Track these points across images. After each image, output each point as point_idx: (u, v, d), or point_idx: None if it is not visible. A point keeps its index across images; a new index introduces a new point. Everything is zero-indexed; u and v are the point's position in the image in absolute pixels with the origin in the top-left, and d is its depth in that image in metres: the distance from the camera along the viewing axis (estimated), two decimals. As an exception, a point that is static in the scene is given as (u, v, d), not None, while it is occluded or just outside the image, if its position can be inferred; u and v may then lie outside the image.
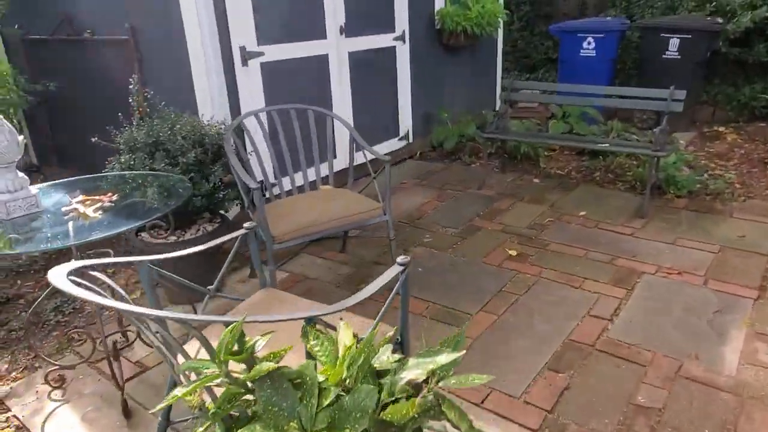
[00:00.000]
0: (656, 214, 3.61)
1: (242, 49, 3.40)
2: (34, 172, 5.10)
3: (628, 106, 4.10)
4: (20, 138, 1.94)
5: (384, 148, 4.74)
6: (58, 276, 1.21)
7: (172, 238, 2.72)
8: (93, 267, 1.41)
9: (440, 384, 1.09)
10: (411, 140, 5.04)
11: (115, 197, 2.10)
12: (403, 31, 4.65)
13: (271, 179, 3.15)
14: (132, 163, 2.48)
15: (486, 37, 5.18)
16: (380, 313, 1.51)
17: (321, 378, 0.98)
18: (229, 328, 1.02)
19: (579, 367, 2.22)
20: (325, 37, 3.96)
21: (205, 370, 0.99)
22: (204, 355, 1.09)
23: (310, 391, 0.96)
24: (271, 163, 3.01)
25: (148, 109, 2.78)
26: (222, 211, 2.97)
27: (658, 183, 3.87)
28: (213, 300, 2.81)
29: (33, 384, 2.32)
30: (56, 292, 2.77)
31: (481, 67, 5.78)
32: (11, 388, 2.32)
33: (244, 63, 3.44)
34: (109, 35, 3.67)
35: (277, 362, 1.04)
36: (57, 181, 2.40)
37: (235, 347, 1.04)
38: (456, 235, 3.46)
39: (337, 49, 4.07)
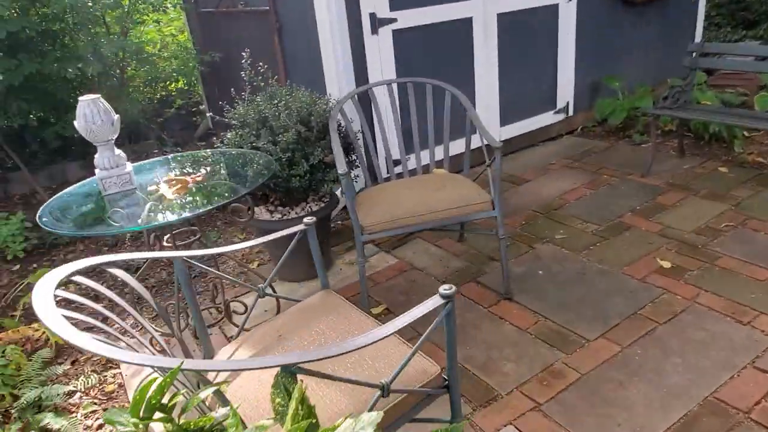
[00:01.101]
0: None
1: (372, 16, 3.18)
2: (212, 135, 5.62)
3: None
4: (116, 117, 2.00)
5: (536, 122, 4.21)
6: (44, 292, 1.15)
7: (277, 216, 2.70)
8: (111, 264, 1.36)
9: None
10: (571, 113, 4.40)
11: (200, 177, 2.08)
12: (570, -14, 4.00)
13: (382, 160, 2.95)
14: (238, 139, 2.47)
15: (681, -12, 4.24)
16: (411, 352, 1.23)
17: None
18: (150, 379, 0.85)
19: (718, 439, 1.67)
20: (469, -2, 3.56)
21: (120, 428, 0.84)
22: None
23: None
24: (382, 143, 2.79)
25: (262, 83, 2.74)
26: (339, 189, 2.87)
27: None
28: (304, 285, 2.76)
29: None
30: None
31: (673, 26, 4.78)
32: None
33: (374, 31, 3.23)
34: (255, 6, 3.74)
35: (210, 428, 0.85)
36: (165, 156, 2.48)
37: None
38: (597, 233, 2.90)
39: (483, 10, 3.63)
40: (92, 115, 1.93)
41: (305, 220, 1.71)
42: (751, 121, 3.34)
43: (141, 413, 0.86)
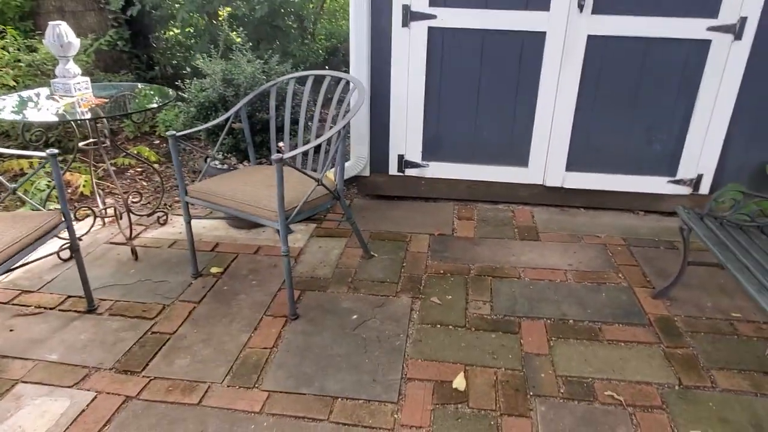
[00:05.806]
0: None
1: (405, 7, 3.03)
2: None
3: None
4: (76, 41, 2.66)
5: (633, 184, 3.28)
6: None
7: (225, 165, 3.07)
8: None
9: None
10: (705, 191, 3.24)
11: (104, 102, 2.63)
12: (741, 20, 2.85)
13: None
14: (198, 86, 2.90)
15: None
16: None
17: None
18: None
19: None
20: (546, 8, 2.95)
21: None
22: None
23: None
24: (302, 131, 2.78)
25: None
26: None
27: None
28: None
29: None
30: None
31: None
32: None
33: (405, 24, 3.08)
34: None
35: None
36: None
37: None
38: (475, 319, 2.31)
39: (565, 28, 2.97)
40: (58, 36, 2.64)
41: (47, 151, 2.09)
42: None
43: None
